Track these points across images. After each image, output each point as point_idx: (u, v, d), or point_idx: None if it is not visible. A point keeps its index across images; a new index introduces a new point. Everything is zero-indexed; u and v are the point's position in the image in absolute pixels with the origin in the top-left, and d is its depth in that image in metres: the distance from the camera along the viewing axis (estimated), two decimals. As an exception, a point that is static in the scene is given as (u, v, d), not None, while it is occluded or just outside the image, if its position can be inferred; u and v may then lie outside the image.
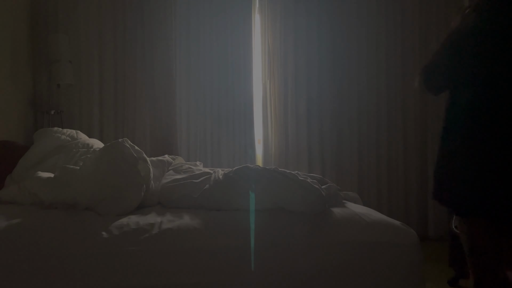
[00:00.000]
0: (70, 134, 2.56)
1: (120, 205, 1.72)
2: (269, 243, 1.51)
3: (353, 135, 3.96)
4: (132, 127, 3.72)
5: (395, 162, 3.98)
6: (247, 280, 1.45)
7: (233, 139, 3.84)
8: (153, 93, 3.74)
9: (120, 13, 3.70)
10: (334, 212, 1.68)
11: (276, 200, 1.68)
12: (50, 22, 3.63)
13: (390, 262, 1.54)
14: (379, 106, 4.01)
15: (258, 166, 1.84)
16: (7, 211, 1.77)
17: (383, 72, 3.98)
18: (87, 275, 1.40)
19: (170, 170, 2.16)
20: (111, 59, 3.71)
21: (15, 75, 3.26)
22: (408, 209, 4.01)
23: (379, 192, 4.01)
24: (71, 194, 1.79)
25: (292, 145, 3.90)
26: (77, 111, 3.67)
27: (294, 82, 3.90)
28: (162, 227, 1.53)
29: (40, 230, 1.50)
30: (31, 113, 3.58)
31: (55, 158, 2.34)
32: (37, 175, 1.98)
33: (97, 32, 3.68)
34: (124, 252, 1.43)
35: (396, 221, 1.69)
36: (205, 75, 3.83)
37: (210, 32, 3.84)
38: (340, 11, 3.96)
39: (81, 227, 1.53)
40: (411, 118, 4.00)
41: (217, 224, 1.56)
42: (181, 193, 1.87)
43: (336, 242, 1.53)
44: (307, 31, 3.91)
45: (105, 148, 1.86)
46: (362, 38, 3.97)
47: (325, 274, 1.49)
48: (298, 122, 3.90)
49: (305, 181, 1.69)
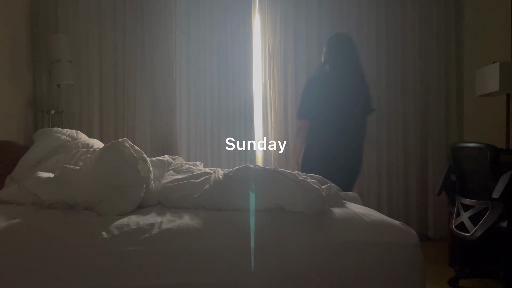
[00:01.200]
0: (70, 134, 2.56)
1: (120, 205, 1.72)
2: (269, 243, 1.50)
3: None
4: (132, 127, 3.72)
5: (395, 162, 3.98)
6: (247, 280, 1.45)
7: (233, 139, 3.84)
8: (153, 93, 3.75)
9: (120, 13, 3.70)
10: (334, 212, 1.68)
11: (276, 200, 1.68)
12: (50, 22, 3.63)
13: (390, 262, 1.53)
14: (379, 106, 4.01)
15: (258, 166, 1.84)
16: (7, 211, 1.76)
17: (383, 72, 3.98)
18: (87, 275, 1.40)
19: (170, 170, 2.16)
20: (111, 59, 3.71)
21: (15, 75, 3.26)
22: (408, 209, 4.01)
23: (379, 192, 4.01)
24: (71, 194, 1.78)
25: (292, 145, 3.89)
26: (77, 111, 3.67)
27: (294, 82, 3.90)
28: (162, 227, 1.53)
29: (40, 230, 1.50)
30: (31, 113, 3.58)
31: (55, 158, 2.34)
32: (37, 175, 1.97)
33: (97, 32, 3.69)
34: (124, 252, 1.43)
35: (396, 221, 1.69)
36: (205, 75, 3.84)
37: (210, 32, 3.84)
38: (340, 11, 3.96)
39: (81, 227, 1.53)
40: (411, 119, 4.00)
41: (217, 224, 1.56)
42: (181, 193, 1.86)
43: (336, 242, 1.53)
44: (307, 31, 3.91)
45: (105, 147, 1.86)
46: (362, 38, 3.97)
47: (325, 274, 1.49)
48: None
49: (305, 181, 1.69)
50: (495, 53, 3.61)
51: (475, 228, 2.45)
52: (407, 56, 4.00)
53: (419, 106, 4.01)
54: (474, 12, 3.94)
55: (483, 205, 2.48)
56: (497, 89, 2.96)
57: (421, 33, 4.01)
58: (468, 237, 2.50)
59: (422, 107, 4.03)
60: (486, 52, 3.75)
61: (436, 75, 4.01)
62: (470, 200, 2.59)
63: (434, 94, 4.02)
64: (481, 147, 2.47)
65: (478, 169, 2.56)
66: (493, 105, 3.64)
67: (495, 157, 2.40)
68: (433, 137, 4.03)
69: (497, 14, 3.61)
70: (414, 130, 4.00)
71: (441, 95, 4.01)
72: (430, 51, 4.02)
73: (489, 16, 3.72)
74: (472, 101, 3.96)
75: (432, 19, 4.02)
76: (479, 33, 3.86)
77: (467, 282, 2.83)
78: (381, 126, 4.01)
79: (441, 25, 4.01)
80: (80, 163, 2.20)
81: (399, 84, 3.99)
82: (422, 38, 4.01)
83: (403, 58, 4.00)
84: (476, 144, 2.52)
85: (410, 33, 3.99)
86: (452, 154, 2.77)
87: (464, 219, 2.59)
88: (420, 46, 4.01)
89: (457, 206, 2.72)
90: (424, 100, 4.03)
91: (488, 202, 2.45)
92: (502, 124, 3.52)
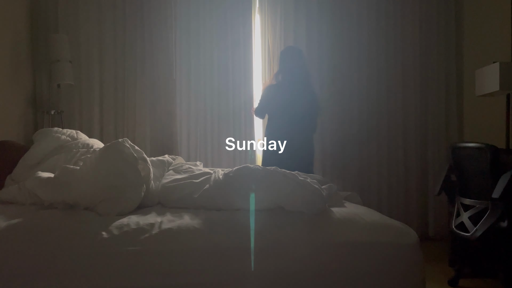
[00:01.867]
0: (70, 134, 2.56)
1: (120, 205, 1.72)
2: (269, 243, 1.50)
3: (353, 135, 3.96)
4: (132, 127, 3.72)
5: (395, 162, 3.98)
6: (247, 280, 1.45)
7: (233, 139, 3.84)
8: (153, 93, 3.75)
9: (120, 13, 3.70)
10: (334, 212, 1.68)
11: (276, 200, 1.68)
12: (50, 22, 3.63)
13: (390, 262, 1.53)
14: (379, 106, 4.02)
15: (258, 166, 1.84)
16: (7, 211, 1.77)
17: (383, 72, 3.98)
18: (87, 275, 1.40)
19: (170, 170, 2.16)
20: (111, 59, 3.71)
21: (15, 75, 3.26)
22: (408, 209, 4.01)
23: (379, 192, 4.01)
24: (71, 194, 1.79)
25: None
26: (77, 111, 3.67)
27: (294, 82, 3.89)
28: (162, 227, 1.53)
29: (40, 230, 1.50)
30: (31, 113, 3.58)
31: (55, 158, 2.34)
32: (37, 175, 1.97)
33: (97, 32, 3.69)
34: (124, 252, 1.43)
35: (396, 221, 1.69)
36: (205, 75, 3.84)
37: (210, 32, 3.84)
38: (340, 10, 3.96)
39: (81, 227, 1.53)
40: (411, 119, 4.00)
41: (217, 224, 1.56)
42: (181, 193, 1.87)
43: (336, 242, 1.53)
44: (307, 31, 3.91)
45: (105, 147, 1.86)
46: (362, 38, 3.97)
47: (325, 274, 1.49)
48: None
49: (305, 181, 1.69)
50: (495, 53, 3.61)
51: (475, 228, 2.45)
52: (407, 56, 4.00)
53: (419, 106, 4.01)
54: (474, 12, 3.94)
55: (483, 205, 2.48)
56: (497, 89, 2.95)
57: (421, 33, 4.01)
58: (468, 237, 2.50)
59: (422, 107, 4.02)
60: (486, 52, 3.75)
61: (436, 75, 4.01)
62: (470, 200, 2.59)
63: (434, 94, 4.02)
64: (481, 147, 2.47)
65: (478, 169, 2.56)
66: (493, 105, 3.64)
67: (495, 157, 2.40)
68: (433, 137, 4.02)
69: (497, 14, 3.61)
70: (414, 130, 4.00)
71: (441, 95, 4.01)
72: (430, 51, 4.02)
73: (489, 16, 3.72)
74: (472, 101, 3.96)
75: (432, 19, 4.01)
76: (479, 33, 3.86)
77: (467, 282, 2.83)
78: (381, 126, 4.01)
79: (441, 25, 4.01)
80: (80, 163, 2.21)
81: (399, 84, 3.98)
82: (422, 38, 4.01)
83: (403, 58, 3.99)
84: (476, 143, 2.52)
85: (410, 33, 3.99)
86: (452, 154, 2.77)
87: (464, 219, 2.59)
88: (420, 46, 4.01)
89: (457, 206, 2.72)
90: (424, 100, 4.02)
91: (488, 202, 2.45)
92: (502, 124, 3.52)
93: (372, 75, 3.99)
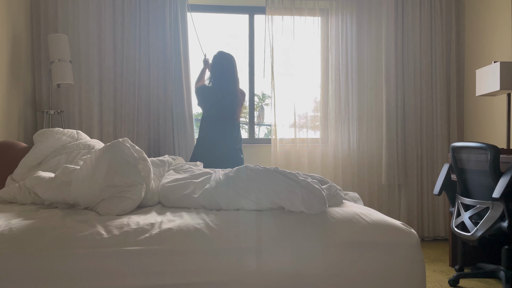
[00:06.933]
0: (71, 134, 2.56)
1: (120, 204, 1.72)
2: (269, 243, 1.50)
3: (353, 135, 3.96)
4: (132, 127, 3.72)
5: (395, 162, 3.98)
6: (247, 280, 1.45)
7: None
8: (153, 93, 3.74)
9: (120, 13, 3.70)
10: (334, 212, 1.68)
11: (276, 200, 1.68)
12: (50, 22, 3.63)
13: (390, 262, 1.53)
14: (379, 106, 4.02)
15: (258, 166, 1.84)
16: (7, 211, 1.76)
17: (383, 71, 3.99)
18: (87, 275, 1.40)
19: (171, 169, 2.16)
20: (111, 59, 3.71)
21: (15, 75, 3.26)
22: (408, 209, 4.01)
23: (379, 192, 4.01)
24: (71, 194, 1.78)
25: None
26: (77, 111, 3.67)
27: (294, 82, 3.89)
28: (162, 226, 1.53)
29: (40, 230, 1.50)
30: (31, 113, 3.58)
31: (56, 159, 2.34)
32: (37, 175, 1.97)
33: (97, 32, 3.69)
34: (124, 252, 1.43)
35: (396, 221, 1.69)
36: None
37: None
38: (340, 12, 3.96)
39: (81, 227, 1.53)
40: (411, 118, 4.00)
41: (217, 224, 1.56)
42: (182, 192, 1.86)
43: (336, 242, 1.53)
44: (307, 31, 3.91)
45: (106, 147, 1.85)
46: (362, 38, 3.97)
47: (325, 274, 1.49)
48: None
49: (305, 180, 1.69)
50: (495, 53, 3.61)
51: (476, 228, 2.45)
52: (407, 56, 4.00)
53: (419, 106, 4.01)
54: (474, 12, 3.94)
55: (484, 204, 2.48)
56: (498, 89, 2.96)
57: (421, 33, 4.01)
58: (468, 237, 2.50)
59: (422, 107, 4.03)
60: (486, 52, 3.75)
61: (436, 75, 4.01)
62: (470, 200, 2.59)
63: (434, 94, 4.02)
64: (482, 147, 2.46)
65: (478, 169, 2.55)
66: (493, 105, 3.64)
67: (495, 157, 2.40)
68: (433, 137, 4.03)
69: (497, 14, 3.61)
70: (414, 130, 4.00)
71: (441, 95, 4.01)
72: (430, 51, 4.02)
73: (489, 16, 3.72)
74: (472, 101, 3.96)
75: (432, 19, 4.02)
76: (479, 33, 3.86)
77: (467, 282, 2.83)
78: (381, 126, 4.01)
79: (442, 25, 4.01)
80: (81, 162, 2.20)
81: (399, 84, 3.99)
82: (422, 38, 4.01)
83: (403, 58, 4.00)
84: (476, 143, 2.52)
85: (410, 33, 3.99)
86: (452, 153, 2.77)
87: (464, 219, 2.59)
88: (420, 46, 4.01)
89: (457, 206, 2.72)
90: (424, 100, 4.03)
91: (489, 201, 2.45)
92: (502, 124, 3.52)
93: (372, 75, 3.99)
